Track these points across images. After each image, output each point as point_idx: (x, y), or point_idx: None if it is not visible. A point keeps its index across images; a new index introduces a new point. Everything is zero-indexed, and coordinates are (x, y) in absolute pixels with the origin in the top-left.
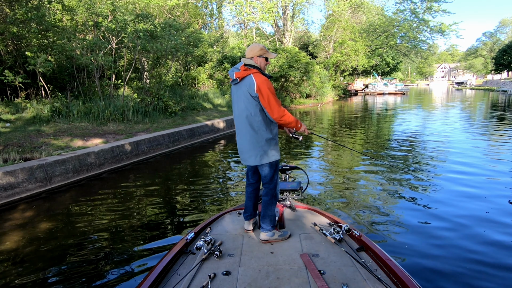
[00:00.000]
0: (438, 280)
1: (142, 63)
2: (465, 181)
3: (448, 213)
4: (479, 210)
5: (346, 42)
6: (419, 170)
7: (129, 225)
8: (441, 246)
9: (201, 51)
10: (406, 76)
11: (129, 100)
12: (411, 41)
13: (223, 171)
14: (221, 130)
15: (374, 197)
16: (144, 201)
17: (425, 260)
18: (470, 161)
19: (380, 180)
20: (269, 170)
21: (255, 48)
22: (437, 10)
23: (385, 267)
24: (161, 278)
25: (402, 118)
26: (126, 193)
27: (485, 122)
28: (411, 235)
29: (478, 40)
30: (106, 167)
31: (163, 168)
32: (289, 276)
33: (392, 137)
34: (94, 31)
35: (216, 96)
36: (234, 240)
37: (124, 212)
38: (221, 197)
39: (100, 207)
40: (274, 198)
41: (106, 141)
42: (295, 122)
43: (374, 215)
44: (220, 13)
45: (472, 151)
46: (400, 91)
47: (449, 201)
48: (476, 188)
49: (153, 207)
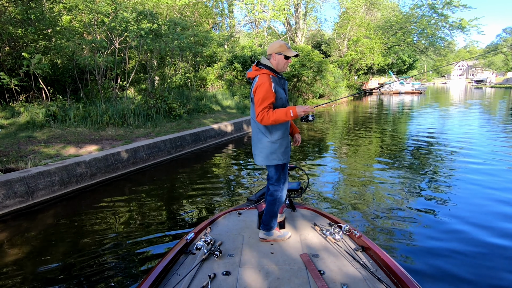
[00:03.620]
0: (438, 280)
1: (150, 63)
2: (475, 184)
3: (450, 214)
4: (486, 213)
5: (360, 40)
6: (426, 171)
7: (127, 227)
8: (441, 247)
9: (210, 51)
10: (422, 75)
11: (130, 103)
12: (429, 38)
13: (225, 173)
14: (229, 134)
15: (375, 197)
16: (142, 206)
17: (425, 260)
18: (484, 167)
19: (381, 180)
20: (274, 172)
21: (274, 45)
22: (457, 5)
23: (385, 267)
24: (161, 278)
25: (422, 118)
26: (121, 203)
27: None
28: (411, 235)
29: (498, 36)
30: (98, 178)
31: (163, 176)
32: (289, 276)
33: (407, 139)
34: (95, 31)
35: (225, 97)
36: (234, 240)
37: (120, 219)
38: (221, 198)
39: (90, 221)
40: (278, 200)
41: (102, 148)
42: (284, 116)
43: (374, 215)
44: (231, 12)
45: (487, 156)
46: (417, 90)
47: (453, 203)
48: (483, 191)
49: (152, 208)
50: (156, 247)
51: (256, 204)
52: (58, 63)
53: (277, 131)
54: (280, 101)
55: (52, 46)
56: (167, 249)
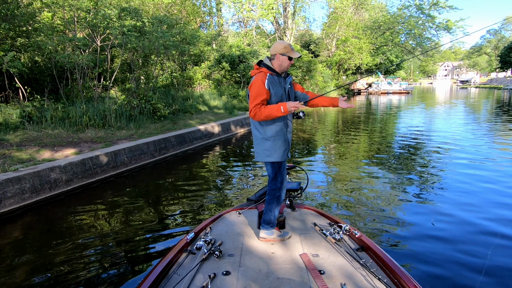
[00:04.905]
0: (439, 280)
1: (135, 62)
2: (470, 182)
3: (450, 214)
4: (483, 212)
5: (349, 40)
6: (422, 171)
7: (105, 235)
8: (442, 247)
9: (198, 49)
10: (409, 75)
11: (112, 103)
12: (416, 38)
13: (212, 176)
14: (216, 135)
15: (375, 197)
16: (123, 212)
17: (425, 260)
18: (477, 164)
19: (381, 180)
20: (271, 170)
21: (278, 46)
22: (443, 6)
23: (385, 267)
24: (161, 278)
25: (410, 118)
26: (100, 210)
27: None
28: (411, 235)
29: (482, 37)
30: (75, 184)
31: (146, 181)
32: (289, 276)
33: (397, 137)
34: (75, 28)
35: (212, 97)
36: (234, 240)
37: (97, 227)
38: (209, 202)
39: (65, 230)
40: (276, 199)
41: (79, 151)
42: (275, 111)
43: (374, 215)
44: (219, 11)
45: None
46: (405, 90)
47: (452, 202)
48: (480, 190)
49: (133, 215)
50: (156, 247)
51: (256, 204)
52: (38, 61)
53: (271, 128)
54: (275, 98)
55: (29, 44)
56: (168, 247)
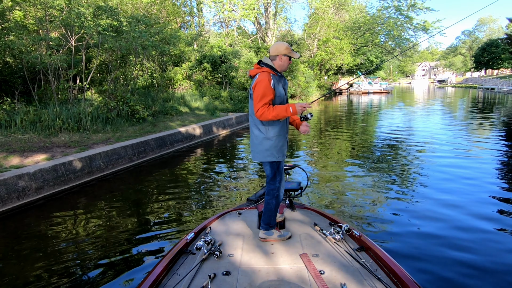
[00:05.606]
0: (439, 281)
1: (112, 63)
2: (452, 179)
3: (450, 213)
4: (466, 208)
5: (330, 40)
6: (403, 170)
7: (79, 246)
8: (442, 247)
9: (178, 50)
10: (388, 75)
11: (88, 105)
12: (395, 39)
13: (194, 180)
14: (198, 137)
15: (375, 197)
16: (98, 220)
17: (425, 260)
18: (457, 160)
19: (381, 180)
20: (269, 170)
21: (280, 47)
22: (421, 8)
23: (385, 267)
24: (161, 278)
25: (392, 117)
26: (73, 219)
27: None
28: (412, 235)
29: (458, 38)
30: (46, 192)
31: (123, 186)
32: (289, 276)
33: (383, 136)
34: (48, 27)
35: (194, 98)
36: (234, 240)
37: (69, 238)
38: (204, 201)
39: (32, 242)
40: (275, 199)
41: (51, 157)
42: (284, 112)
43: (374, 215)
44: (200, 11)
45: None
46: (385, 90)
47: (438, 198)
48: (460, 185)
49: (109, 222)
50: (156, 247)
51: (256, 204)
52: (9, 62)
53: (273, 128)
54: (278, 98)
55: None
56: (168, 247)
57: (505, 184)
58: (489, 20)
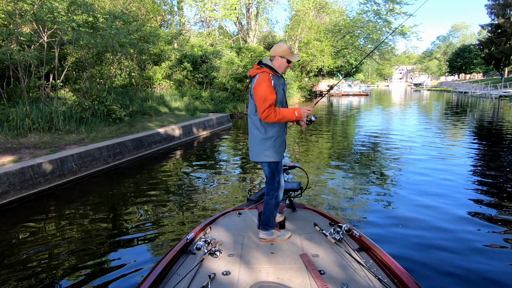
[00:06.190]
0: (439, 280)
1: (88, 60)
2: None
3: (450, 213)
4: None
5: (311, 42)
6: (382, 169)
7: (48, 255)
8: (442, 245)
9: (158, 48)
10: (367, 78)
11: (60, 105)
12: (374, 42)
13: (173, 182)
14: (177, 138)
15: (375, 197)
16: (70, 225)
17: (426, 260)
18: (434, 159)
19: (381, 180)
20: (268, 170)
21: (278, 48)
22: (399, 13)
23: (385, 267)
24: (161, 278)
25: (371, 118)
26: (42, 225)
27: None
28: (412, 235)
29: (433, 43)
30: (12, 196)
31: (98, 189)
32: (289, 276)
33: (364, 138)
34: (16, 20)
35: (173, 98)
36: (234, 240)
37: (38, 245)
38: (221, 198)
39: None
40: (274, 199)
41: (19, 159)
42: (290, 115)
43: (374, 215)
44: (181, 10)
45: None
46: (364, 92)
47: (449, 200)
48: (438, 182)
49: (82, 227)
50: (156, 247)
51: (256, 204)
52: None
53: (272, 128)
54: (277, 98)
55: None
56: (168, 247)
57: (480, 180)
58: (463, 26)
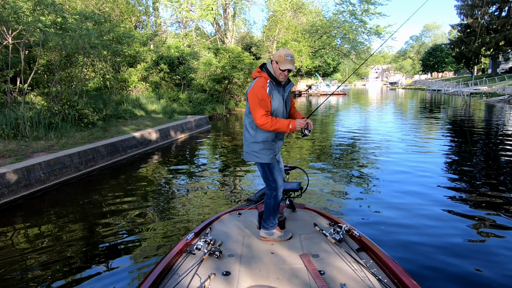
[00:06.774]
0: (439, 280)
1: (58, 63)
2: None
3: (451, 212)
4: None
5: (289, 43)
6: (362, 167)
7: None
8: (442, 245)
9: (133, 50)
10: (345, 77)
11: (27, 110)
12: (351, 42)
13: (151, 188)
14: (154, 142)
15: (375, 197)
16: (37, 240)
17: (426, 259)
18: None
19: (380, 179)
20: (261, 171)
21: (277, 53)
22: (373, 13)
23: (385, 267)
24: (161, 278)
25: (350, 117)
26: (6, 240)
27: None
28: (412, 235)
29: (407, 43)
30: None
31: (70, 198)
32: (289, 276)
33: (345, 135)
34: None
35: (150, 101)
36: (234, 240)
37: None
38: (220, 198)
39: None
40: (273, 199)
41: None
42: (284, 127)
43: (374, 215)
44: (156, 10)
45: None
46: (342, 91)
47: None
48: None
49: (51, 239)
50: (156, 247)
51: (256, 204)
52: None
53: (263, 134)
54: (272, 106)
55: None
56: (168, 248)
57: (453, 174)
58: (434, 26)
